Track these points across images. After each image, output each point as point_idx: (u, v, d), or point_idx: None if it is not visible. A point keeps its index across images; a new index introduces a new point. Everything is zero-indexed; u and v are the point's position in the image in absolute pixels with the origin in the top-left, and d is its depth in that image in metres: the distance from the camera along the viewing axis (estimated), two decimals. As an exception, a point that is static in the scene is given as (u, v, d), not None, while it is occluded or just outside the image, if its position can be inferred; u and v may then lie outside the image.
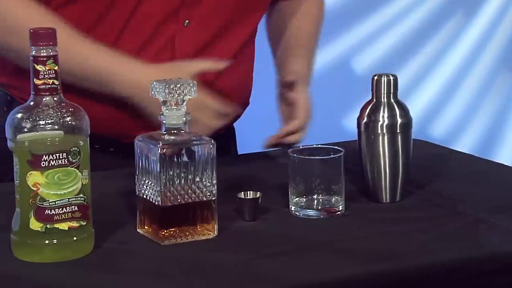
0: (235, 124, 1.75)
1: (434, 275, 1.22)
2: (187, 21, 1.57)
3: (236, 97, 1.64)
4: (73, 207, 1.23)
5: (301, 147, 1.44)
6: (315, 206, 1.38)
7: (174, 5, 1.55)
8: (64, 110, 1.22)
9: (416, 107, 3.02)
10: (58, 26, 1.32)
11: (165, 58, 1.56)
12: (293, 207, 1.39)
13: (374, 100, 1.43)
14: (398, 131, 1.42)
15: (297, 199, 1.39)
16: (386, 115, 1.42)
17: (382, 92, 1.42)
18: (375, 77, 1.43)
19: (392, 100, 1.43)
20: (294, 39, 1.70)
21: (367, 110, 1.43)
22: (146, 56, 1.55)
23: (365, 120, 1.43)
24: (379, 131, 1.42)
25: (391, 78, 1.43)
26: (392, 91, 1.42)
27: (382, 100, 1.42)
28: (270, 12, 1.75)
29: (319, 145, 1.44)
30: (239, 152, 1.80)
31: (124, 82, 1.51)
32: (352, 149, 1.45)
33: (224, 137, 1.42)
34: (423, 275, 1.22)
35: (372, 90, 1.43)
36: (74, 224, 1.23)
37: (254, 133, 1.87)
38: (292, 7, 1.74)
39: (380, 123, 1.42)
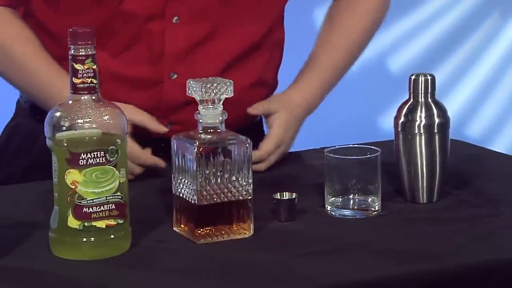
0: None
1: (472, 276, 1.21)
2: (176, 17, 1.56)
3: (249, 95, 1.62)
4: (110, 205, 1.24)
5: (337, 147, 1.44)
6: (351, 206, 1.38)
7: (159, 3, 1.54)
8: (102, 109, 1.23)
9: (452, 107, 3.00)
10: (28, 40, 1.43)
11: (156, 55, 1.55)
12: (329, 207, 1.39)
13: (412, 99, 1.42)
14: (436, 131, 1.41)
15: (333, 199, 1.39)
16: (423, 115, 1.41)
17: (420, 91, 1.41)
18: (413, 77, 1.42)
19: (429, 99, 1.42)
20: (316, 58, 1.62)
21: (405, 110, 1.42)
22: (136, 53, 1.55)
23: (402, 119, 1.42)
24: (417, 131, 1.41)
25: (429, 77, 1.42)
26: (429, 91, 1.42)
27: (420, 99, 1.42)
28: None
29: (355, 145, 1.44)
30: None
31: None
32: (388, 149, 1.44)
33: (252, 135, 1.41)
34: (461, 276, 1.21)
35: (409, 89, 1.42)
36: (112, 222, 1.24)
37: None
38: (341, 6, 1.66)
39: (417, 123, 1.41)
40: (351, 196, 1.38)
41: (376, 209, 1.38)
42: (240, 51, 1.60)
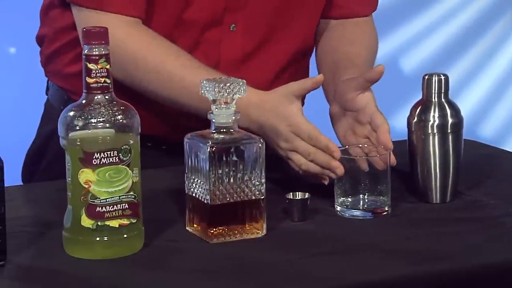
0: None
1: (484, 277, 1.21)
2: (233, 25, 1.57)
3: None
4: (123, 204, 1.24)
5: (347, 146, 1.44)
6: (361, 206, 1.38)
7: (218, 10, 1.56)
8: (115, 109, 1.24)
9: (466, 107, 3.00)
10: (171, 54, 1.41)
11: (211, 63, 1.55)
12: (339, 207, 1.39)
13: (425, 99, 1.42)
14: (449, 131, 1.41)
15: (343, 199, 1.39)
16: (437, 115, 1.41)
17: (433, 91, 1.41)
18: (426, 77, 1.42)
19: (443, 99, 1.41)
20: (349, 62, 1.58)
21: (418, 110, 1.42)
22: None
23: (415, 119, 1.42)
24: (430, 131, 1.41)
25: (442, 77, 1.42)
26: (443, 91, 1.41)
27: (433, 99, 1.41)
28: (321, 34, 1.68)
29: (366, 145, 1.44)
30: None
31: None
32: (401, 149, 1.44)
33: None
34: (473, 277, 1.21)
35: (422, 89, 1.42)
36: (125, 221, 1.24)
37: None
38: (346, 34, 1.65)
39: (430, 123, 1.41)
40: (361, 196, 1.38)
41: (386, 209, 1.38)
42: (289, 57, 1.61)
